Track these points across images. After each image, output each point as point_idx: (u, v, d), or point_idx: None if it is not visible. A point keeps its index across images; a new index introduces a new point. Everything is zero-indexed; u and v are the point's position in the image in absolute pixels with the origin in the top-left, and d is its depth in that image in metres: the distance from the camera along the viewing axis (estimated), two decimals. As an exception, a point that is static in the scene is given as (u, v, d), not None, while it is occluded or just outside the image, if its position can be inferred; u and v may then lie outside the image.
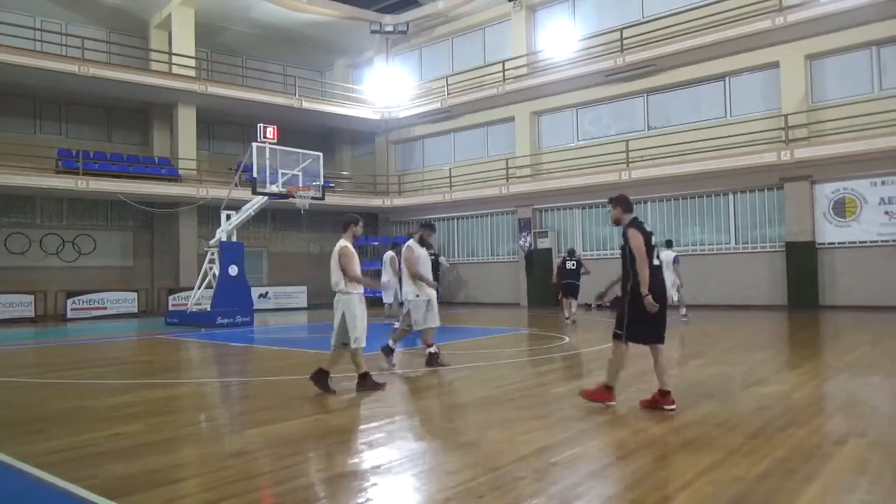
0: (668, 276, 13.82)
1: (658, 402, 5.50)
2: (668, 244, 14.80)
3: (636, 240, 5.63)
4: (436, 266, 14.72)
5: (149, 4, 22.90)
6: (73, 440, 4.92)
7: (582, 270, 14.77)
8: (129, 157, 22.18)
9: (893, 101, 15.80)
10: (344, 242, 6.94)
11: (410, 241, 8.58)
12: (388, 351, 8.41)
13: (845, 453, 4.18)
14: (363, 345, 6.68)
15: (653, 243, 5.74)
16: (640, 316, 5.52)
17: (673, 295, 13.46)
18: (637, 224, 5.78)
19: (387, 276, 14.41)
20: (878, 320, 13.18)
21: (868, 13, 15.76)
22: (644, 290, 5.45)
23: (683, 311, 14.22)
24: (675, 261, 13.91)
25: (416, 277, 8.24)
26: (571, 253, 15.37)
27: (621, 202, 5.99)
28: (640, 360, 8.80)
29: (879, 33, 16.10)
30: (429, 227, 8.72)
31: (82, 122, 22.84)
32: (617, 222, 6.05)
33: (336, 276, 6.75)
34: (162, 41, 23.34)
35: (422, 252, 8.48)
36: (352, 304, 6.64)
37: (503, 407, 5.93)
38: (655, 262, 5.70)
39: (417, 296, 8.25)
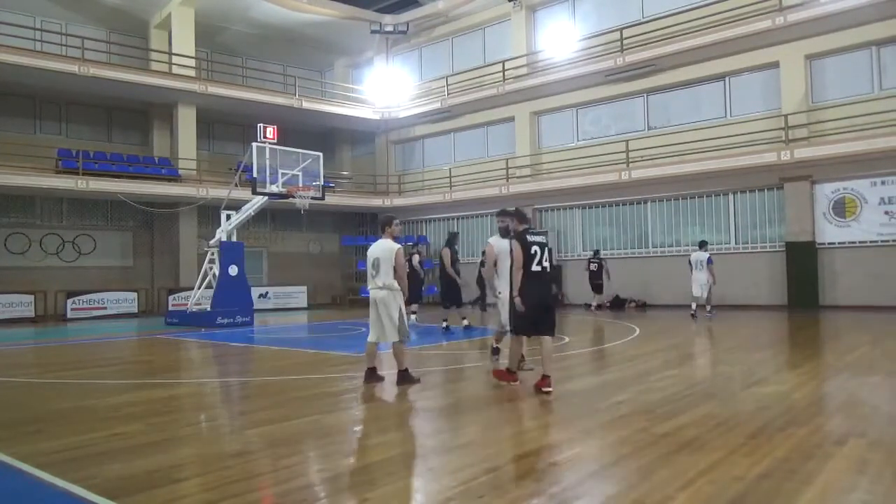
0: (702, 276, 14.48)
1: (539, 386, 6.38)
2: (702, 245, 15.18)
3: (516, 251, 6.53)
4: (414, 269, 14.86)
5: (149, 4, 22.90)
6: (73, 440, 4.92)
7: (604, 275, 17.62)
8: (129, 157, 22.18)
9: (893, 101, 15.80)
10: (393, 242, 7.07)
11: (491, 238, 7.95)
12: (495, 351, 8.52)
13: (845, 453, 4.18)
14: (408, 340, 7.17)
15: (533, 252, 6.52)
16: (520, 313, 6.48)
17: (703, 293, 14.66)
18: (522, 237, 6.58)
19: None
20: (879, 320, 13.17)
21: (868, 13, 15.76)
22: (515, 292, 6.46)
23: (709, 308, 14.82)
24: (709, 261, 14.68)
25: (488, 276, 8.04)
26: (596, 253, 17.68)
27: (517, 215, 6.84)
28: (639, 364, 8.80)
29: (879, 33, 16.10)
30: (512, 214, 7.08)
31: (82, 122, 22.83)
32: (505, 233, 7.04)
33: (385, 273, 6.92)
34: (162, 41, 23.35)
35: (503, 245, 7.48)
36: (399, 301, 6.99)
37: (503, 407, 5.93)
38: (537, 267, 6.50)
39: (500, 294, 7.75)
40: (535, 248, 6.50)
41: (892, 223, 15.85)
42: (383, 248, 7.00)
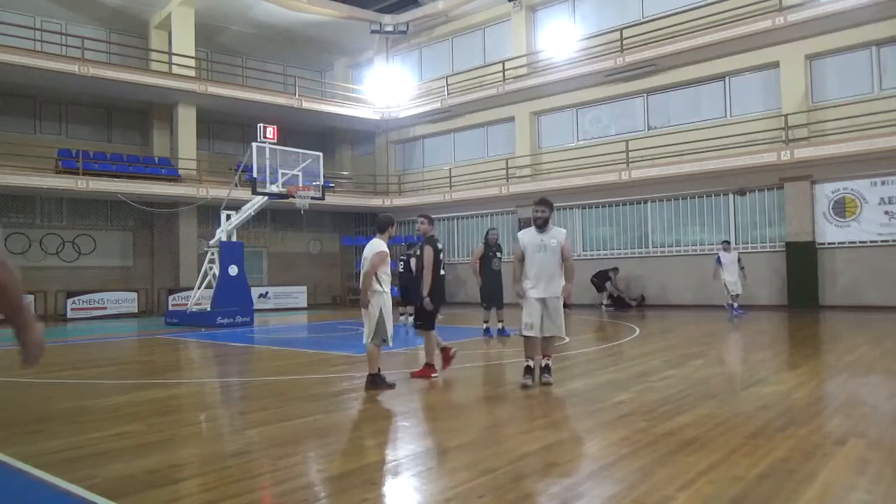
0: (733, 273, 14.74)
1: (426, 373, 7.33)
2: (726, 245, 15.24)
3: (428, 255, 7.25)
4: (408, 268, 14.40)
5: (148, 4, 22.90)
6: (73, 440, 4.92)
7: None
8: (129, 157, 22.18)
9: (893, 101, 15.81)
10: (380, 243, 6.94)
11: (520, 232, 7.15)
12: (546, 369, 8.20)
13: (845, 453, 4.18)
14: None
15: (441, 257, 7.51)
16: (430, 311, 7.41)
17: (736, 289, 14.81)
18: (433, 241, 7.37)
19: None
20: (878, 320, 13.17)
21: (868, 13, 15.76)
22: (425, 293, 7.25)
23: (736, 305, 14.91)
24: (739, 259, 14.96)
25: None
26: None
27: (430, 220, 7.62)
28: (639, 364, 8.80)
29: (879, 33, 16.10)
30: (543, 203, 6.81)
31: (82, 122, 22.84)
32: (424, 234, 7.45)
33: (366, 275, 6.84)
34: (162, 41, 23.35)
35: (529, 240, 6.84)
36: (381, 302, 6.82)
37: (503, 407, 5.93)
38: (442, 271, 7.58)
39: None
40: (441, 253, 7.44)
41: (893, 223, 15.84)
42: (370, 248, 6.89)
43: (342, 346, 11.41)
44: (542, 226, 6.80)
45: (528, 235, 6.87)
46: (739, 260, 14.91)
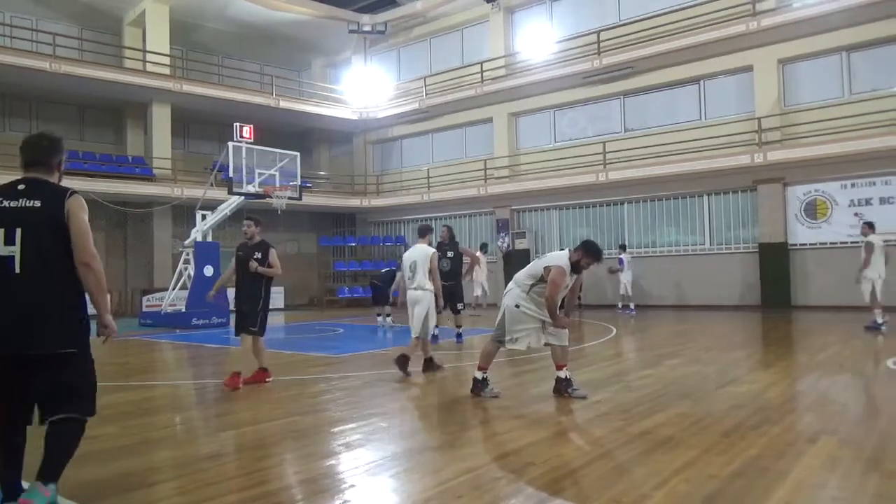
0: (628, 275, 16.98)
1: (259, 377, 7.28)
2: (623, 249, 17.07)
3: (274, 257, 7.34)
4: (390, 280, 14.26)
5: (122, 1, 22.56)
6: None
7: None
8: (102, 156, 21.82)
9: (863, 104, 16.13)
10: (428, 247, 8.03)
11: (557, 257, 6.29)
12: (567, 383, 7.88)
13: (816, 451, 4.26)
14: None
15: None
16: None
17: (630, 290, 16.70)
18: (271, 244, 7.44)
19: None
20: (848, 320, 13.42)
21: (838, 19, 16.07)
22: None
23: (632, 305, 16.63)
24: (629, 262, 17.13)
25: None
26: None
27: (260, 222, 7.60)
28: (616, 364, 8.88)
29: (850, 39, 16.42)
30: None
31: (53, 120, 22.38)
32: (252, 238, 7.42)
33: (422, 275, 7.78)
34: (136, 38, 23.00)
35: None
36: (431, 300, 7.82)
37: (481, 407, 5.94)
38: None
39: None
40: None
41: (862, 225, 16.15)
42: (420, 253, 7.86)
43: (319, 347, 11.35)
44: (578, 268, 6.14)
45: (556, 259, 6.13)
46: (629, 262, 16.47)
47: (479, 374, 6.33)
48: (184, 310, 16.07)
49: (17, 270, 3.18)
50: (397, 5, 25.87)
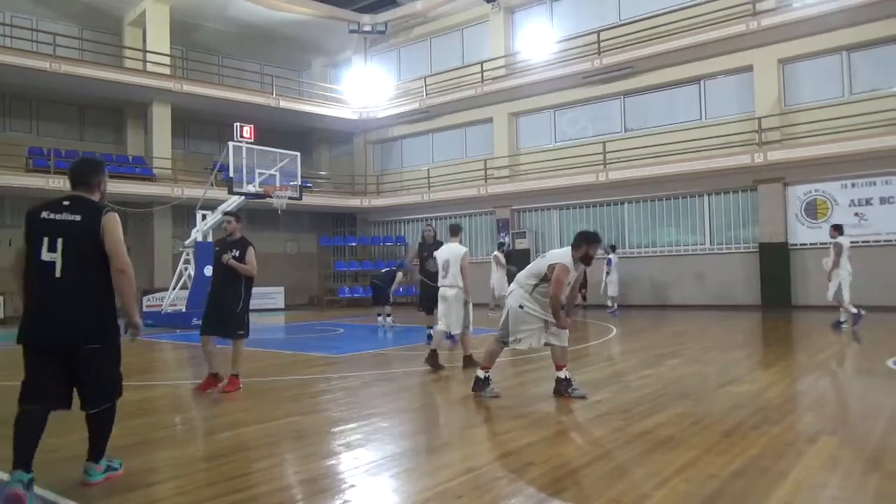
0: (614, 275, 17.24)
1: (231, 385, 6.89)
2: (612, 249, 17.42)
3: (251, 256, 7.07)
4: (390, 280, 14.41)
5: (122, 1, 22.56)
6: (44, 444, 4.78)
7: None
8: (103, 156, 21.78)
9: (863, 104, 16.13)
10: (461, 246, 8.31)
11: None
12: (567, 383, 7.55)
13: (816, 451, 4.26)
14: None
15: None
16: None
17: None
18: (251, 243, 7.20)
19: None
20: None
21: (839, 19, 16.07)
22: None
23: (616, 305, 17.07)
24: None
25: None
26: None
27: (241, 219, 7.51)
28: (616, 364, 8.88)
29: (850, 39, 16.42)
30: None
31: (54, 120, 22.42)
32: (232, 234, 7.32)
33: (455, 272, 8.08)
34: (136, 38, 23.01)
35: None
36: (462, 298, 8.08)
37: (481, 407, 5.94)
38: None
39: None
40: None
41: (862, 225, 16.16)
42: (453, 251, 8.17)
43: (319, 347, 11.35)
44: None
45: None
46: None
47: (481, 374, 6.34)
48: (184, 310, 16.07)
49: (58, 274, 3.69)
50: (397, 5, 25.87)
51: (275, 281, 23.93)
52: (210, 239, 16.90)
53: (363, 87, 26.25)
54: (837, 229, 11.78)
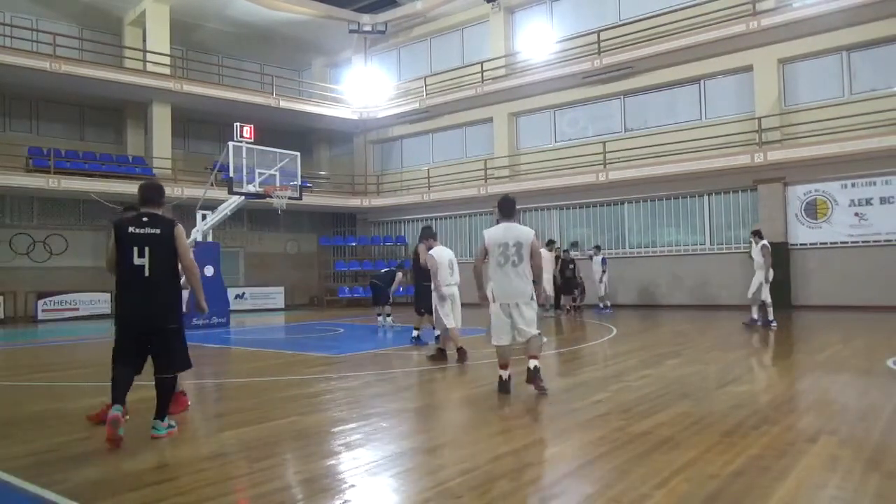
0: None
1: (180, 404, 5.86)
2: (598, 250, 17.55)
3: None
4: (390, 280, 14.36)
5: (122, 1, 22.56)
6: (45, 443, 4.83)
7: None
8: (102, 156, 21.83)
9: (863, 104, 16.14)
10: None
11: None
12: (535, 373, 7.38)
13: (817, 450, 4.26)
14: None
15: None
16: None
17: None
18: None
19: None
20: (848, 320, 13.43)
21: (839, 18, 16.07)
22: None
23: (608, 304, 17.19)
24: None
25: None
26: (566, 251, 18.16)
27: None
28: (616, 364, 8.87)
29: (850, 38, 16.43)
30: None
31: (54, 120, 22.43)
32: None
33: (457, 274, 8.96)
34: (136, 38, 23.02)
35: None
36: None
37: (481, 407, 5.94)
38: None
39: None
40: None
41: (862, 224, 16.17)
42: (451, 253, 9.05)
43: (320, 347, 11.35)
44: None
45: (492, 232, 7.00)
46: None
47: (503, 374, 6.45)
48: (184, 310, 16.02)
49: (147, 274, 4.86)
50: (397, 5, 25.87)
51: (275, 281, 23.96)
52: (210, 239, 16.92)
53: (363, 87, 26.25)
54: (758, 234, 12.72)
